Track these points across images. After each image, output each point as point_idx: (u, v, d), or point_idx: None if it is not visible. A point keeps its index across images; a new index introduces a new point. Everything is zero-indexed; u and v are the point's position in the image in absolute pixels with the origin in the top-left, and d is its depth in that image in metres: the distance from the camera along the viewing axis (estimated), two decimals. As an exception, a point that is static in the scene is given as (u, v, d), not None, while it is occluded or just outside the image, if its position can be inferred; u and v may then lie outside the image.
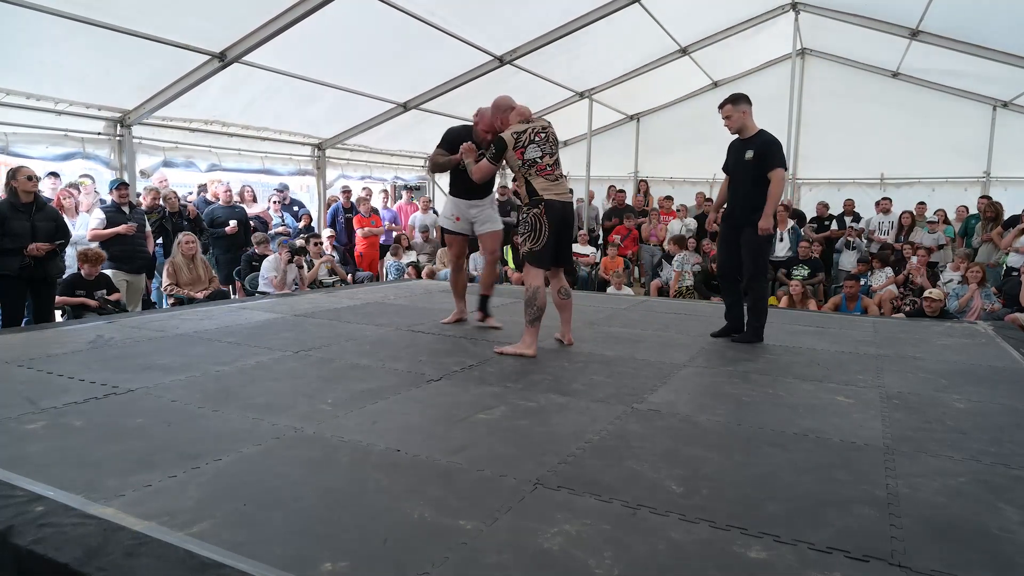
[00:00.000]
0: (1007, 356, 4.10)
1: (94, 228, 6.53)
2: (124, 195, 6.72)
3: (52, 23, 5.37)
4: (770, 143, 4.27)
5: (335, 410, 2.74)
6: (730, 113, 4.31)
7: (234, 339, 4.08)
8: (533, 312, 3.79)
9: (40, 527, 1.69)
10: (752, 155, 4.26)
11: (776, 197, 4.20)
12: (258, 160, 8.99)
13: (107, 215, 6.59)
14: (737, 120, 4.31)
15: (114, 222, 6.57)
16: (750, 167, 4.26)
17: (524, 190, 3.87)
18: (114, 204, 6.70)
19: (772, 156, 4.21)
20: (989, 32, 8.07)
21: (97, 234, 6.50)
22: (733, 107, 4.31)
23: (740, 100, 4.34)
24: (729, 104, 4.32)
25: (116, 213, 6.63)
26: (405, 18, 6.87)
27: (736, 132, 4.37)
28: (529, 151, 3.82)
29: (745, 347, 4.19)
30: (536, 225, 3.80)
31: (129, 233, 6.60)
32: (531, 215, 3.81)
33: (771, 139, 4.30)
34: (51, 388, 2.96)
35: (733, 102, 4.32)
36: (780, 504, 1.96)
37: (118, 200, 6.68)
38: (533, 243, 3.82)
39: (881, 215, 10.00)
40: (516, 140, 3.82)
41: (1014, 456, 2.38)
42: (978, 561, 1.67)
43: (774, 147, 4.26)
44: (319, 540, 1.70)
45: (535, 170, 3.83)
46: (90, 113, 6.85)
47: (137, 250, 6.76)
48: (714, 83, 12.23)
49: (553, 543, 1.70)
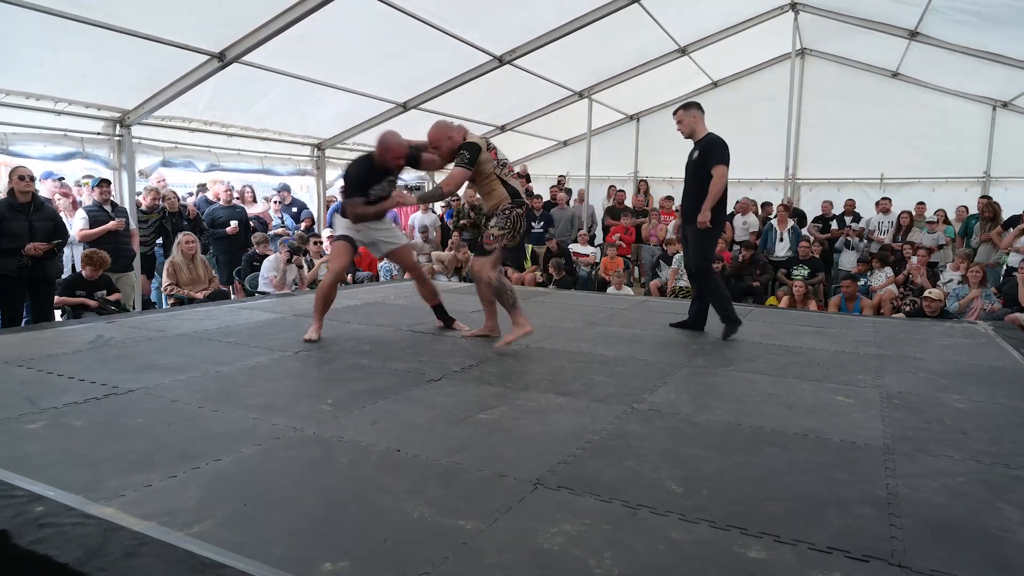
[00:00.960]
0: (1007, 356, 4.10)
1: (81, 229, 6.50)
2: (105, 192, 6.67)
3: (52, 23, 5.36)
4: (713, 143, 4.49)
5: (335, 410, 2.74)
6: (682, 118, 4.61)
7: (234, 339, 4.09)
8: (509, 297, 3.93)
9: (40, 527, 1.69)
10: (696, 155, 4.53)
11: (715, 192, 4.38)
12: (257, 160, 8.99)
13: (90, 215, 6.56)
14: (688, 125, 4.58)
15: (98, 220, 6.54)
16: (695, 166, 4.54)
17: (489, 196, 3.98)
18: (96, 203, 6.65)
19: (713, 153, 4.44)
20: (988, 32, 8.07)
21: (86, 234, 6.46)
22: (685, 112, 4.60)
23: (692, 107, 4.64)
24: (682, 110, 4.63)
25: (99, 212, 6.60)
26: (404, 18, 6.87)
27: (688, 136, 4.63)
28: (499, 154, 4.01)
29: (745, 347, 4.19)
30: (516, 224, 3.96)
31: (118, 229, 6.57)
32: (514, 214, 3.95)
33: (715, 140, 4.51)
34: (51, 388, 2.96)
35: (685, 108, 4.63)
36: (780, 504, 1.96)
37: (99, 198, 6.64)
38: (509, 240, 3.96)
39: (881, 215, 10.00)
40: (488, 143, 3.95)
41: (1014, 456, 2.38)
42: (978, 561, 1.67)
43: (716, 146, 4.47)
44: (319, 540, 1.70)
45: (507, 171, 4.01)
46: (89, 113, 6.85)
47: (121, 248, 6.69)
48: (714, 83, 12.22)
49: (553, 543, 1.70)
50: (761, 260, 9.52)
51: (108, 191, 6.72)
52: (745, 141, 11.61)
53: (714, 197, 4.37)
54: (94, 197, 6.71)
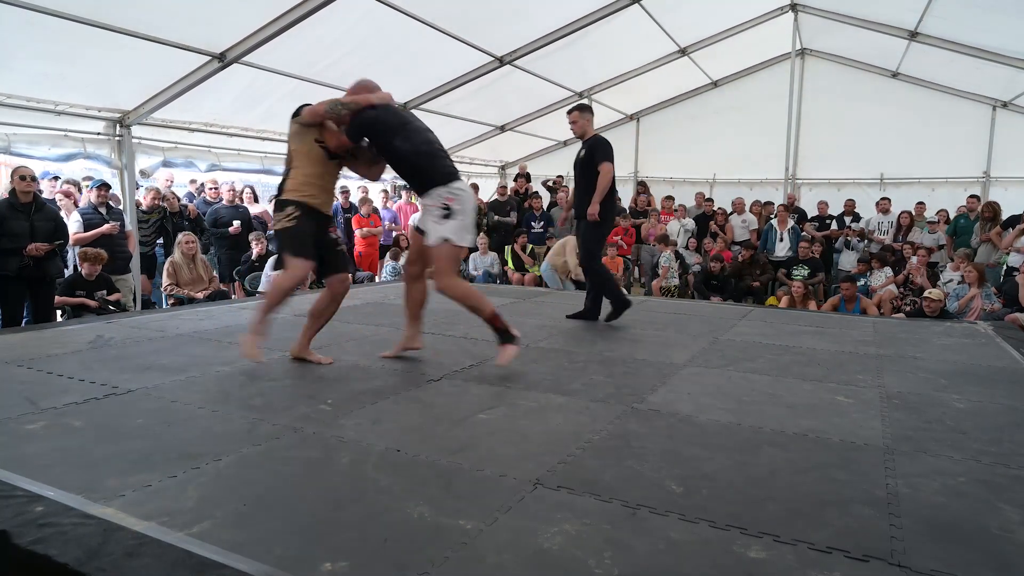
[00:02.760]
0: (1007, 356, 4.10)
1: (75, 232, 6.47)
2: (103, 196, 6.66)
3: (52, 23, 5.37)
4: (599, 143, 4.81)
5: (335, 410, 2.74)
6: (576, 119, 4.86)
7: (234, 339, 4.08)
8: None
9: (40, 527, 1.69)
10: (584, 153, 4.85)
11: (603, 188, 4.70)
12: (258, 160, 9.00)
13: (84, 218, 6.55)
14: (581, 126, 4.85)
15: (92, 223, 6.53)
16: (582, 165, 4.83)
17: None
18: (91, 206, 6.64)
19: (598, 152, 4.75)
20: (988, 32, 8.08)
21: (80, 237, 6.44)
22: (580, 115, 4.86)
23: (585, 110, 4.92)
24: (576, 112, 4.88)
25: (93, 215, 6.59)
26: (405, 19, 6.88)
27: (580, 136, 4.91)
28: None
29: (745, 347, 4.19)
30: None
31: (113, 232, 6.56)
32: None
33: (601, 140, 4.84)
34: (51, 388, 2.96)
35: (580, 110, 4.90)
36: (780, 504, 1.96)
37: (96, 201, 6.62)
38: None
39: (881, 215, 10.00)
40: None
41: (1014, 456, 2.38)
42: (978, 561, 1.67)
43: (601, 145, 4.79)
44: (319, 540, 1.70)
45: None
46: (90, 113, 6.85)
47: (117, 251, 6.66)
48: (714, 83, 12.23)
49: (553, 543, 1.70)
50: (761, 260, 9.53)
51: (105, 195, 6.70)
52: (745, 141, 11.76)
53: (602, 191, 4.68)
54: (91, 199, 6.70)
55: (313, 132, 3.41)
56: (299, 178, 3.40)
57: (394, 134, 3.33)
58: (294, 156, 3.43)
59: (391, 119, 3.38)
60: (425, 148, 3.35)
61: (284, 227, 3.36)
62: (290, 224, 3.35)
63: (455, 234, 3.31)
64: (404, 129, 3.35)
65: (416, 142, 3.34)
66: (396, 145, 3.33)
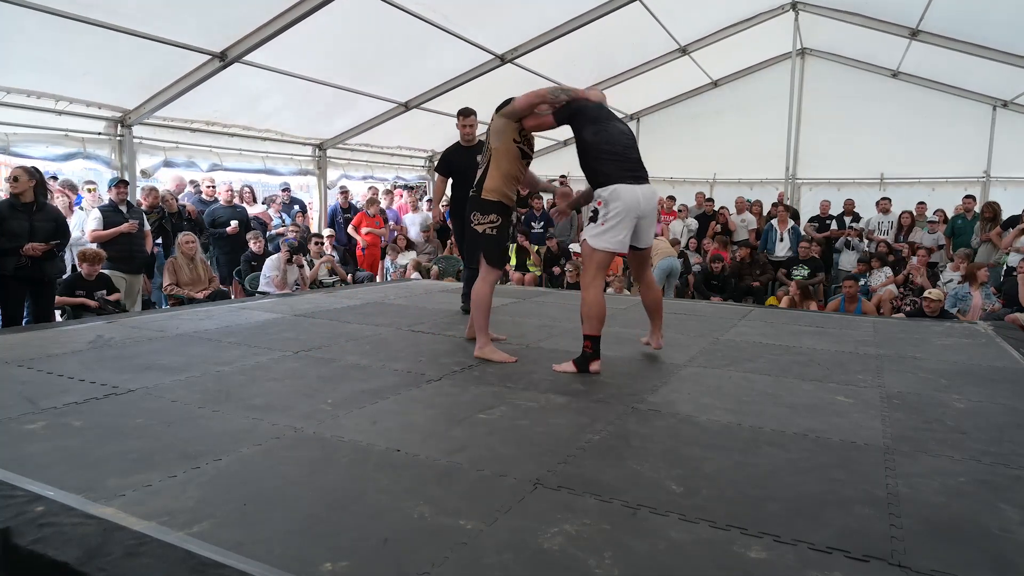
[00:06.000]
0: (1007, 356, 4.10)
1: (94, 229, 6.46)
2: (123, 193, 6.62)
3: (53, 23, 5.37)
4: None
5: (335, 410, 2.74)
6: (473, 123, 5.06)
7: (234, 339, 4.08)
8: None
9: (40, 527, 1.69)
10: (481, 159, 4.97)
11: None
12: (259, 160, 9.00)
13: (104, 214, 6.50)
14: (473, 130, 5.08)
15: (112, 221, 6.49)
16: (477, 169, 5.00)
17: None
18: (112, 203, 6.60)
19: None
20: (989, 32, 8.08)
21: (98, 235, 6.41)
22: (475, 119, 5.06)
23: (476, 114, 5.11)
24: (473, 116, 5.07)
25: (114, 212, 6.54)
26: (406, 17, 6.87)
27: (467, 141, 5.09)
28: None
29: (745, 347, 4.20)
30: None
31: (132, 231, 6.53)
32: None
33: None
34: (51, 388, 2.96)
35: (475, 114, 5.09)
36: (780, 504, 1.96)
37: (116, 199, 6.58)
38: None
39: (881, 215, 10.01)
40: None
41: (1014, 456, 2.38)
42: (978, 561, 1.67)
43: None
44: (319, 540, 1.70)
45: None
46: (91, 113, 6.85)
47: (136, 250, 6.67)
48: (714, 82, 12.23)
49: (553, 543, 1.70)
50: (761, 260, 9.53)
51: (124, 192, 6.65)
52: (745, 141, 11.76)
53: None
54: (110, 196, 6.63)
55: (513, 131, 3.62)
56: (498, 177, 3.64)
57: (589, 125, 3.45)
58: (494, 154, 3.65)
59: (593, 113, 3.51)
60: (607, 148, 3.41)
61: (488, 234, 3.67)
62: (493, 233, 3.67)
63: (594, 237, 3.42)
64: (598, 124, 3.46)
65: (602, 140, 3.43)
66: (585, 136, 3.45)
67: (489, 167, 3.65)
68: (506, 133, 3.61)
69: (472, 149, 5.08)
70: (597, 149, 3.40)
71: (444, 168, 5.28)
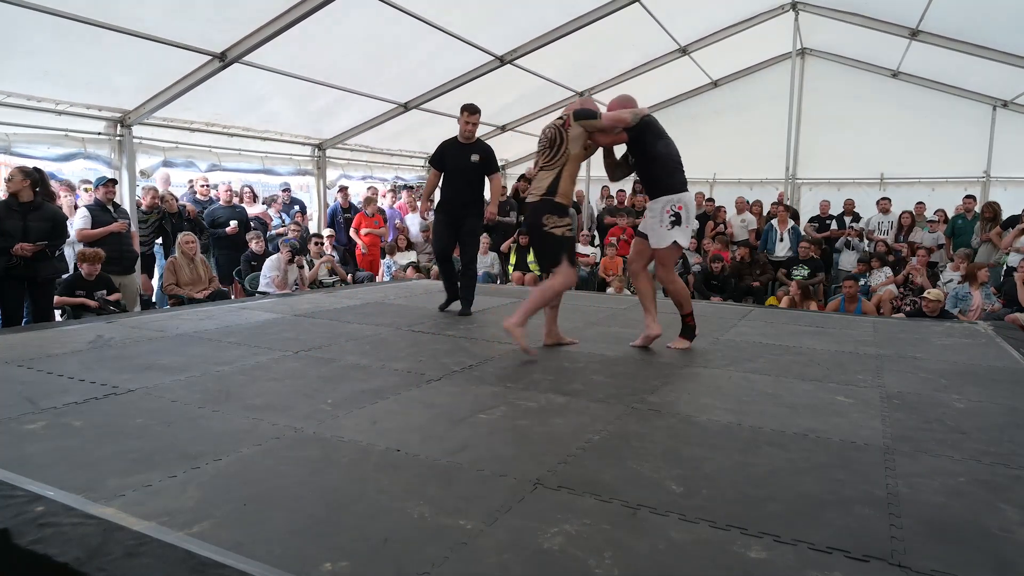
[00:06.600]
0: (1007, 356, 4.10)
1: (80, 228, 6.36)
2: (111, 192, 6.53)
3: (53, 23, 5.36)
4: (492, 151, 5.25)
5: (335, 410, 2.74)
6: (477, 121, 5.13)
7: (234, 339, 4.09)
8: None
9: (40, 527, 1.69)
10: (477, 159, 5.12)
11: (498, 193, 5.45)
12: (258, 160, 8.99)
13: (92, 213, 6.41)
14: (475, 128, 5.13)
15: (100, 221, 6.41)
16: (473, 168, 5.13)
17: None
18: (98, 202, 6.50)
19: (494, 161, 5.25)
20: (989, 32, 8.07)
21: (86, 234, 6.31)
22: (479, 117, 5.15)
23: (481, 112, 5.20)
24: (479, 114, 5.13)
25: (101, 212, 6.45)
26: (406, 18, 6.86)
27: (466, 138, 5.13)
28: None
29: (745, 347, 4.20)
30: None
31: (122, 230, 6.48)
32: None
33: (490, 148, 5.27)
34: (51, 388, 2.96)
35: (480, 113, 5.16)
36: (780, 504, 1.96)
37: (103, 198, 6.48)
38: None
39: (881, 215, 10.00)
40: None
41: (1014, 456, 2.38)
42: (978, 561, 1.67)
43: (494, 154, 5.27)
44: (319, 540, 1.70)
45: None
46: (90, 113, 6.84)
47: (124, 249, 6.58)
48: (714, 83, 12.21)
49: (553, 543, 1.70)
50: (761, 260, 9.52)
51: (112, 191, 6.58)
52: (745, 141, 11.74)
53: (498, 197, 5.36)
54: (97, 196, 6.57)
55: (585, 139, 3.86)
56: (568, 181, 3.85)
57: (659, 139, 3.93)
58: (570, 160, 3.83)
59: (658, 127, 3.99)
60: (677, 159, 3.95)
61: (566, 236, 3.86)
62: (569, 235, 3.89)
63: (683, 237, 3.92)
64: (665, 138, 3.95)
65: (673, 152, 3.95)
66: (658, 149, 3.90)
67: (562, 172, 3.82)
68: (581, 141, 3.83)
69: (468, 147, 5.09)
70: (672, 160, 3.90)
71: (438, 162, 5.26)
